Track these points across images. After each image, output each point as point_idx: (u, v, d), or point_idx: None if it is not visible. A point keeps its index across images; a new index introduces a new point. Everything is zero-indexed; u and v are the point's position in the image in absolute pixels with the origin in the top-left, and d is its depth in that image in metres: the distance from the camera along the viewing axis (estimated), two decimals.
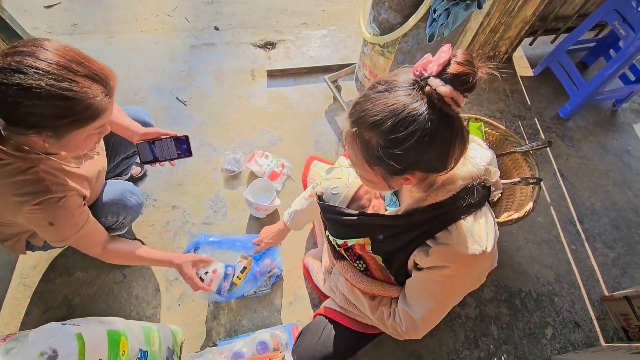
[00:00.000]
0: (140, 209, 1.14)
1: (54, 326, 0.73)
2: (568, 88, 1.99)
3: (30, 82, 0.59)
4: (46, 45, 0.63)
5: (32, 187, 0.74)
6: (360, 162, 0.63)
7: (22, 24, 1.69)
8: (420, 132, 0.54)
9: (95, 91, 0.66)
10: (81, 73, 0.65)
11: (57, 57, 0.63)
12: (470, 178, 0.67)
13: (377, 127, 0.56)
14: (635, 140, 1.99)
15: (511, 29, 1.89)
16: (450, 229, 0.67)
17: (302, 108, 1.82)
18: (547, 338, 1.36)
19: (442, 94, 0.52)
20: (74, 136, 0.70)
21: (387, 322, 0.85)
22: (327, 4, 2.37)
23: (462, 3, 1.01)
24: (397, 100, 0.55)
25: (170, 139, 1.04)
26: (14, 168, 0.72)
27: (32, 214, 0.76)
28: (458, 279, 0.70)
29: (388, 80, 0.59)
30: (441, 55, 0.52)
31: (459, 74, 0.51)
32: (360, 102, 0.60)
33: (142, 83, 1.79)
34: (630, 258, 1.58)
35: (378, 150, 0.58)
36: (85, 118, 0.67)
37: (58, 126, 0.66)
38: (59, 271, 1.29)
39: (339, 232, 0.86)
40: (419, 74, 0.55)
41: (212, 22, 2.12)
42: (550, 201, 1.70)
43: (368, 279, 0.88)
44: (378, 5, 1.15)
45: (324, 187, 0.92)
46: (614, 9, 1.68)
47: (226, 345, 1.14)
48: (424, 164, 0.60)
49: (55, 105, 0.63)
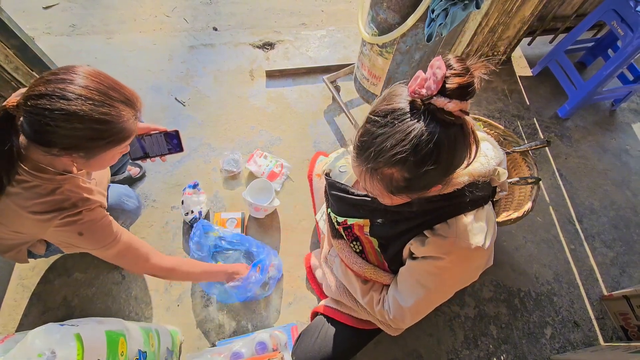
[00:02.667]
0: (138, 211, 1.14)
1: (52, 327, 0.73)
2: (567, 88, 1.99)
3: (74, 108, 0.64)
4: (83, 73, 0.67)
5: (59, 204, 0.77)
6: (384, 193, 0.61)
7: (21, 24, 1.69)
8: (444, 153, 0.53)
9: (128, 114, 0.72)
10: (117, 98, 0.70)
11: (95, 84, 0.67)
12: (478, 175, 0.67)
13: (399, 164, 0.54)
14: (633, 140, 1.99)
15: (510, 29, 1.89)
16: (449, 222, 0.68)
17: (301, 108, 1.82)
18: (546, 337, 1.36)
19: (452, 110, 0.50)
20: (104, 156, 0.75)
21: (375, 308, 0.87)
22: (325, 5, 2.37)
23: (460, 3, 1.01)
24: (410, 130, 0.52)
25: (161, 134, 1.02)
26: (42, 190, 0.75)
27: (61, 227, 0.78)
28: (451, 272, 0.71)
29: (387, 109, 0.55)
30: (436, 72, 0.50)
31: (461, 86, 0.49)
32: (367, 140, 0.57)
33: (141, 83, 1.78)
34: (629, 257, 1.58)
35: (403, 182, 0.57)
36: (119, 140, 0.73)
37: (93, 147, 0.71)
38: (57, 272, 1.28)
39: (341, 210, 0.88)
40: (418, 95, 0.52)
41: (210, 23, 2.12)
42: (549, 201, 1.70)
43: (362, 261, 0.89)
44: (376, 6, 1.16)
45: (332, 165, 0.96)
46: (612, 9, 1.69)
47: (225, 345, 1.14)
48: (448, 173, 0.60)
49: (94, 129, 0.67)
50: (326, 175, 0.95)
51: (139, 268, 0.94)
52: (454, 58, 0.51)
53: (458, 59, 0.51)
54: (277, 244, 1.44)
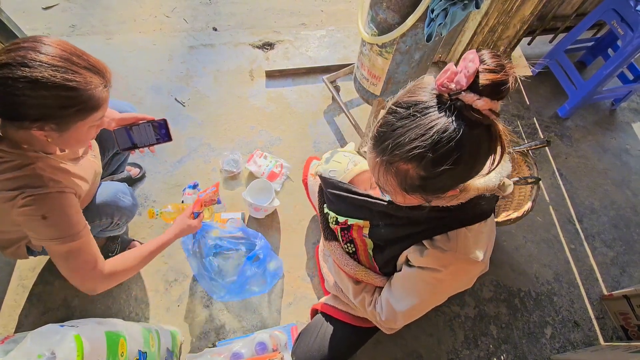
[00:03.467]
0: (134, 209, 1.13)
1: (52, 328, 0.73)
2: (567, 87, 1.99)
3: (36, 75, 0.62)
4: (46, 41, 0.66)
5: (27, 180, 0.73)
6: (397, 190, 0.58)
7: (21, 25, 1.69)
8: (466, 154, 0.49)
9: (96, 82, 0.70)
10: (81, 65, 0.68)
11: (58, 51, 0.66)
12: (485, 189, 0.63)
13: (416, 160, 0.50)
14: (633, 140, 1.99)
15: (509, 29, 1.89)
16: (450, 235, 0.67)
17: (301, 108, 1.82)
18: (546, 337, 1.36)
19: (480, 109, 0.46)
20: (77, 128, 0.72)
21: (367, 308, 0.87)
22: (325, 5, 2.37)
23: (460, 3, 1.01)
24: (432, 125, 0.48)
25: (148, 124, 1.01)
26: (11, 165, 0.72)
27: (26, 206, 0.73)
28: (447, 283, 0.71)
29: (410, 101, 0.51)
30: (468, 65, 0.46)
31: (494, 83, 0.45)
32: (385, 131, 0.53)
33: (141, 84, 1.78)
34: (629, 257, 1.58)
35: (418, 181, 0.53)
36: (89, 108, 0.70)
37: (63, 116, 0.68)
38: (57, 273, 1.26)
39: (341, 210, 0.88)
40: (446, 89, 0.48)
41: (210, 23, 2.12)
42: (549, 200, 1.70)
43: (354, 263, 0.89)
44: (376, 6, 1.15)
45: (323, 168, 0.96)
46: (612, 9, 1.69)
47: (225, 345, 1.14)
48: (467, 178, 0.56)
49: (61, 96, 0.65)
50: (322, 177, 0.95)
51: (80, 275, 0.82)
52: (488, 53, 0.47)
53: (493, 55, 0.47)
54: (277, 244, 1.44)
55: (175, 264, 1.34)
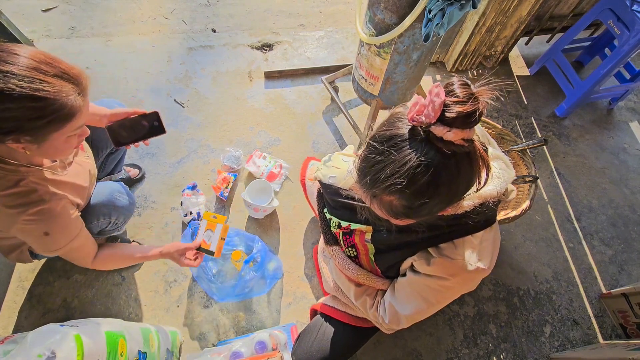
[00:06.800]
0: (131, 208, 1.12)
1: (52, 327, 0.73)
2: (564, 87, 2.00)
3: (1, 86, 0.59)
4: (14, 50, 0.63)
5: (25, 198, 0.74)
6: (387, 216, 0.59)
7: (20, 27, 1.70)
8: (443, 185, 0.50)
9: (67, 90, 0.66)
10: (51, 73, 0.65)
11: (26, 60, 0.63)
12: (489, 197, 0.64)
13: (396, 193, 0.51)
14: (631, 138, 2.00)
15: (507, 29, 1.90)
16: (456, 243, 0.67)
17: (300, 109, 1.83)
18: (545, 336, 1.37)
19: (452, 140, 0.47)
20: (54, 139, 0.70)
21: (369, 310, 0.87)
22: (323, 6, 2.38)
23: (457, 3, 1.01)
24: (406, 160, 0.48)
25: (141, 117, 1.00)
26: (6, 181, 0.72)
27: (28, 224, 0.76)
28: (454, 290, 0.72)
29: (386, 135, 0.52)
30: (434, 100, 0.46)
31: (462, 115, 0.45)
32: (365, 167, 0.54)
33: (140, 85, 1.79)
34: (627, 255, 1.59)
35: (403, 209, 0.54)
36: (61, 118, 0.67)
37: (35, 128, 0.65)
38: (57, 274, 1.29)
39: (344, 215, 0.88)
40: (417, 122, 0.49)
41: (209, 24, 2.13)
42: (548, 199, 1.71)
43: (356, 266, 0.90)
44: (374, 6, 1.16)
45: (322, 174, 0.96)
46: (608, 8, 1.70)
47: (225, 345, 1.14)
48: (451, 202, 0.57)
49: (28, 107, 0.62)
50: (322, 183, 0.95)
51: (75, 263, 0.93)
52: (458, 82, 0.48)
53: (462, 84, 0.47)
54: (277, 245, 1.44)
55: (175, 264, 1.34)
